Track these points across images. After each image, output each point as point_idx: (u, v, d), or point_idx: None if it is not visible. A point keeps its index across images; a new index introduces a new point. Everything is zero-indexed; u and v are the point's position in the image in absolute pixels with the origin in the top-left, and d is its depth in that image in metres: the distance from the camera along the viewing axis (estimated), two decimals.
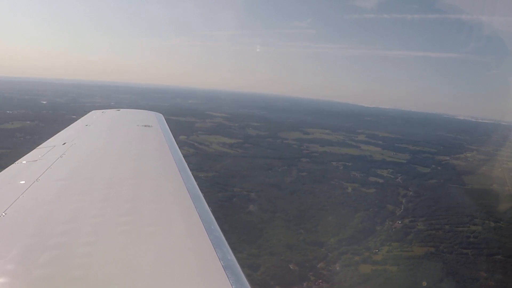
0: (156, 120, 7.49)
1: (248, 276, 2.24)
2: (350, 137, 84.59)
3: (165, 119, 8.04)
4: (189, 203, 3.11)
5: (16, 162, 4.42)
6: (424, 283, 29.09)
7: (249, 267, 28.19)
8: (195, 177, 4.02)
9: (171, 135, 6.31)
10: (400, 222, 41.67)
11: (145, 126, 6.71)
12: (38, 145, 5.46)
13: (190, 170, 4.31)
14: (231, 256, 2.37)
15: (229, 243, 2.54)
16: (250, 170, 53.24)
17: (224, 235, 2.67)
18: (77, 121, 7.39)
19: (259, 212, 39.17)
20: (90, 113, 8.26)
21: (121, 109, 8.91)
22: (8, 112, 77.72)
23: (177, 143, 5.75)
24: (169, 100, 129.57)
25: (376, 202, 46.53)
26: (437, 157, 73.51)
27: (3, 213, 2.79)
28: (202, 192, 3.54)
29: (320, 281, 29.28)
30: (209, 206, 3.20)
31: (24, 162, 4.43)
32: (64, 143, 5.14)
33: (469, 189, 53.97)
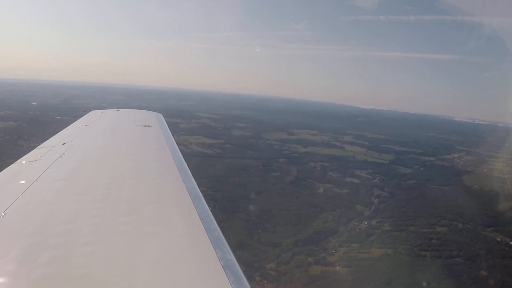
0: (156, 120, 7.49)
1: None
2: (336, 138, 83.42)
3: None
4: (189, 203, 3.11)
5: (15, 162, 4.41)
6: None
7: None
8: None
9: (171, 135, 6.31)
10: (366, 223, 40.58)
11: (144, 126, 6.71)
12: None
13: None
14: (230, 256, 2.37)
15: None
16: (222, 170, 52.56)
17: None
18: (77, 121, 7.36)
19: (217, 212, 38.32)
20: (89, 113, 8.22)
21: (121, 109, 8.85)
22: None
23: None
24: (162, 101, 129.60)
25: (346, 202, 45.50)
26: (422, 157, 72.02)
27: (2, 213, 2.78)
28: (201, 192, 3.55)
29: (265, 281, 28.40)
30: (209, 206, 3.20)
31: (24, 162, 4.41)
32: (64, 143, 5.14)
33: (447, 190, 52.65)
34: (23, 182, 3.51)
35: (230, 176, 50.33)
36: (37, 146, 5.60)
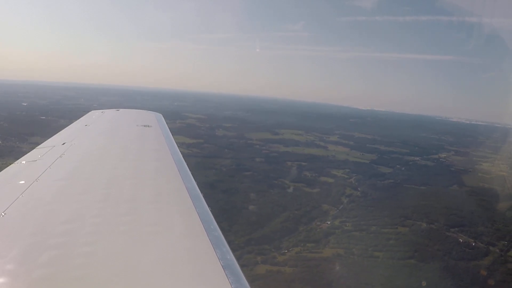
0: (155, 120, 7.52)
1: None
2: (321, 138, 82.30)
3: None
4: (189, 203, 3.12)
5: (15, 162, 4.41)
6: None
7: None
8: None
9: (171, 135, 6.32)
10: (329, 223, 39.48)
11: (144, 126, 6.75)
12: None
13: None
14: (230, 255, 2.37)
15: None
16: (191, 168, 51.75)
17: None
18: (77, 121, 7.40)
19: None
20: (89, 113, 8.26)
21: (121, 109, 8.92)
22: None
23: None
24: (155, 102, 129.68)
25: (313, 202, 44.41)
26: (406, 157, 70.58)
27: (2, 213, 2.78)
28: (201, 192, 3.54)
29: None
30: (208, 206, 3.19)
31: (24, 162, 4.43)
32: (64, 143, 5.16)
33: (424, 190, 51.32)
34: (23, 182, 3.50)
35: (199, 175, 49.34)
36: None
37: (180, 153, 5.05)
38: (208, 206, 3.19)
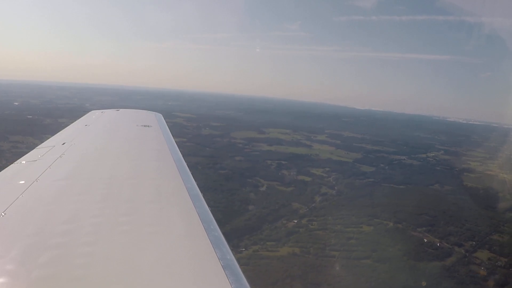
0: (155, 120, 7.56)
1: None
2: (308, 137, 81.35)
3: None
4: (189, 203, 3.12)
5: (15, 162, 4.43)
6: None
7: None
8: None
9: (171, 135, 6.34)
10: (295, 221, 38.67)
11: (144, 126, 6.78)
12: None
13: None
14: (230, 255, 2.37)
15: None
16: None
17: None
18: (77, 121, 7.45)
19: None
20: (89, 113, 8.34)
21: (121, 109, 9.02)
22: None
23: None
24: (148, 101, 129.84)
25: (283, 200, 43.63)
26: (392, 156, 69.46)
27: (2, 213, 2.77)
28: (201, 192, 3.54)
29: None
30: (208, 206, 3.19)
31: (24, 162, 4.45)
32: (64, 143, 5.17)
33: (402, 189, 50.31)
34: (23, 182, 3.51)
35: None
36: None
37: (180, 153, 5.02)
38: (208, 206, 3.16)
